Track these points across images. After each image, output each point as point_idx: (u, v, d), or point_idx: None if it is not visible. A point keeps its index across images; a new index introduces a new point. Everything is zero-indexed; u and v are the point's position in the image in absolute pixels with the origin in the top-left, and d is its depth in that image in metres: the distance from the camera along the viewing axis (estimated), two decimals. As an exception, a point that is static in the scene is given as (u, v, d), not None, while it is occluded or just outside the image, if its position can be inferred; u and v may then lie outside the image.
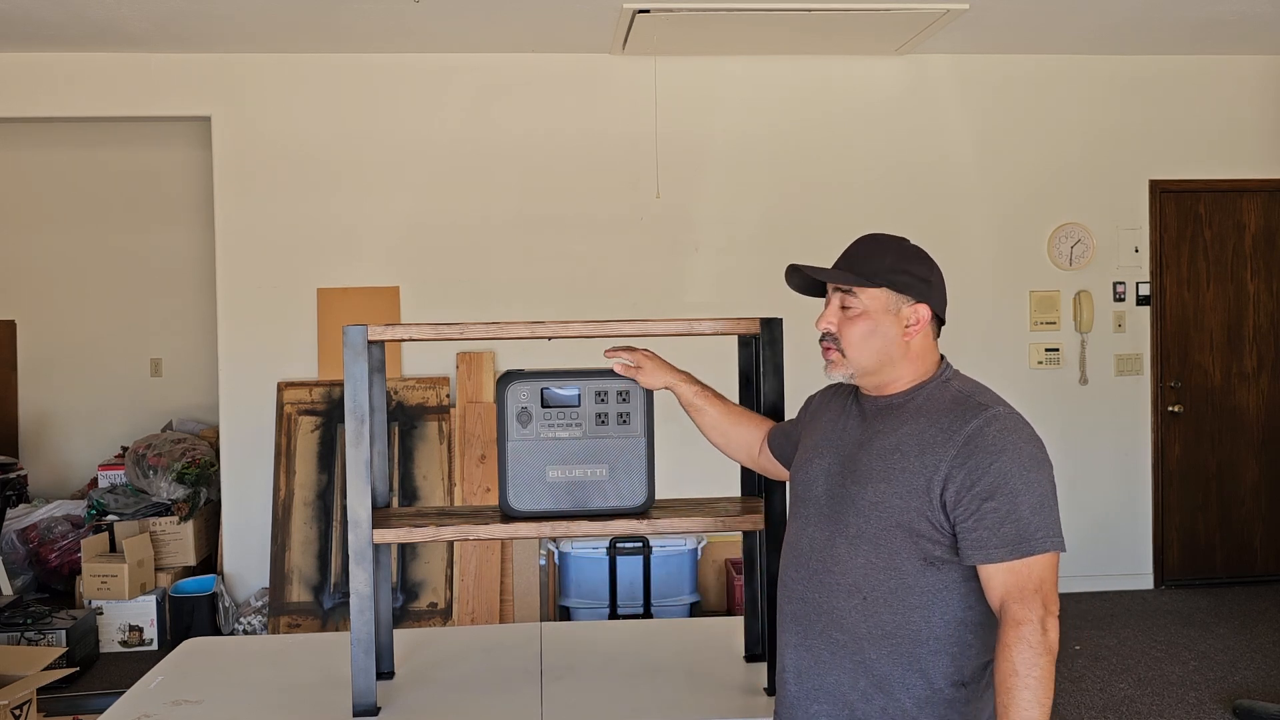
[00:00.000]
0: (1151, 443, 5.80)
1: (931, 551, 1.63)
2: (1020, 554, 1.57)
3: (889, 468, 1.66)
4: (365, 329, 2.02)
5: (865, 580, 1.66)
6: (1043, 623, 1.55)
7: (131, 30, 4.93)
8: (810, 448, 1.83)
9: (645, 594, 5.02)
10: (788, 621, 1.78)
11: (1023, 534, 1.57)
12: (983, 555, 1.59)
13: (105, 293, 6.87)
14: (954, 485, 1.60)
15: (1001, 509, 1.58)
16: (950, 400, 1.69)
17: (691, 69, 5.49)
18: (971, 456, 1.60)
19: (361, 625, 2.01)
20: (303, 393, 5.31)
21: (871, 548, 1.66)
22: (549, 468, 2.08)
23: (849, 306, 1.73)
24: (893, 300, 1.71)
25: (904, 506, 1.63)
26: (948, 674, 1.64)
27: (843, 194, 5.59)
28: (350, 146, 5.42)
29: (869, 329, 1.71)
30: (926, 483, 1.62)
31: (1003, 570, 1.58)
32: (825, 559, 1.71)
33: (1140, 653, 4.79)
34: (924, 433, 1.66)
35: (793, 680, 1.76)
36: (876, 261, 1.72)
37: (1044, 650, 1.54)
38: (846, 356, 1.74)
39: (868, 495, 1.67)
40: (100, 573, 5.02)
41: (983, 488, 1.59)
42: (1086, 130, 5.72)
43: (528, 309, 5.34)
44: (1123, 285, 5.75)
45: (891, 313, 1.71)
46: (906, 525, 1.63)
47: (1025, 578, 1.57)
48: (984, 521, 1.58)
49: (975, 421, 1.63)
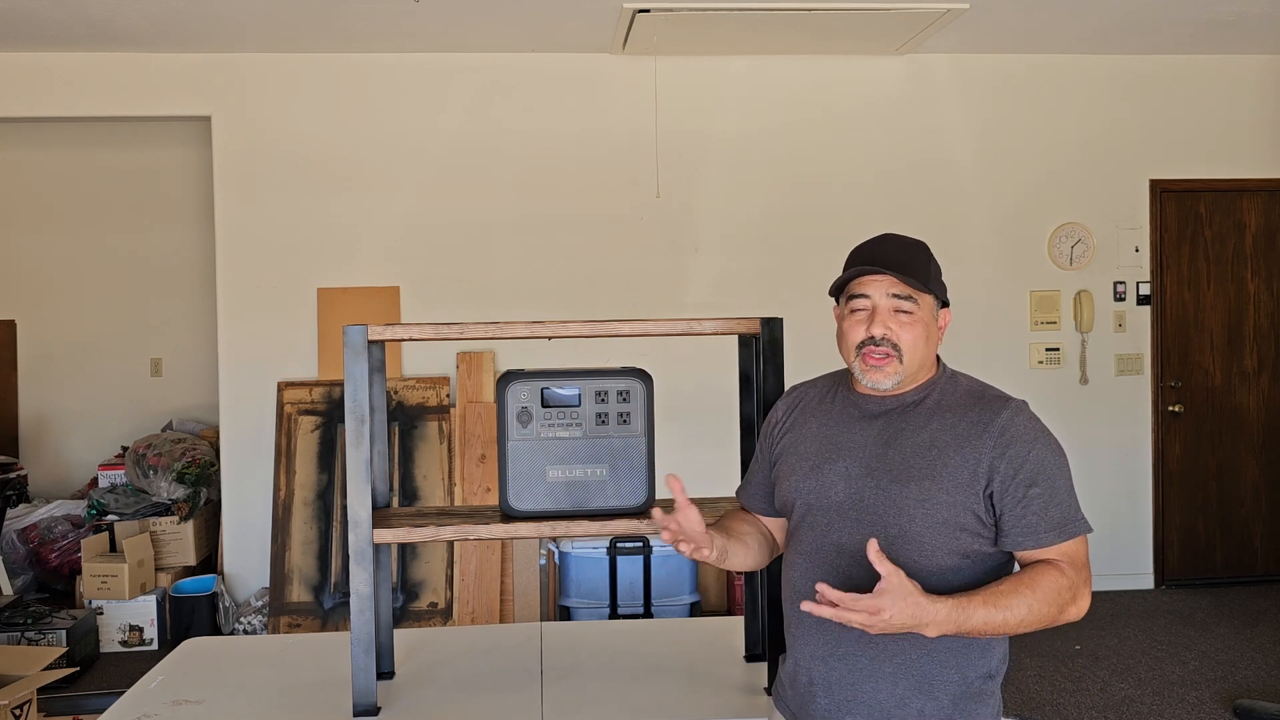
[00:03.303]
0: (1152, 443, 5.80)
1: (970, 545, 1.66)
2: (1067, 535, 1.65)
3: (929, 464, 1.67)
4: (365, 329, 2.02)
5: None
6: (1077, 592, 1.62)
7: (131, 30, 4.93)
8: (812, 455, 1.78)
9: (645, 594, 5.02)
10: (809, 634, 1.73)
11: (1067, 516, 1.65)
12: (1034, 540, 1.64)
13: (105, 293, 6.87)
14: (999, 476, 1.65)
15: (1045, 494, 1.65)
16: (965, 395, 1.74)
17: (691, 69, 5.49)
18: (1010, 446, 1.65)
19: (361, 625, 2.01)
20: (303, 393, 5.31)
21: (914, 546, 1.65)
22: (549, 467, 2.08)
23: (907, 311, 1.71)
24: (933, 306, 1.77)
25: (950, 501, 1.65)
26: (978, 667, 1.68)
27: (843, 194, 5.58)
28: (350, 146, 5.42)
29: (923, 334, 1.73)
30: (970, 475, 1.65)
31: (1054, 553, 1.65)
32: (861, 562, 1.64)
33: (1140, 653, 4.79)
34: (956, 426, 1.69)
35: (822, 693, 1.71)
36: (926, 267, 1.76)
37: (1058, 604, 1.60)
38: (903, 362, 1.71)
39: (912, 493, 1.66)
40: (100, 573, 5.02)
41: (1025, 475, 1.64)
42: (1086, 130, 5.72)
43: (528, 309, 5.34)
44: (1123, 285, 5.75)
45: (934, 317, 1.77)
46: (953, 520, 1.65)
47: (1073, 557, 1.65)
48: (1031, 507, 1.64)
49: (1005, 413, 1.69)
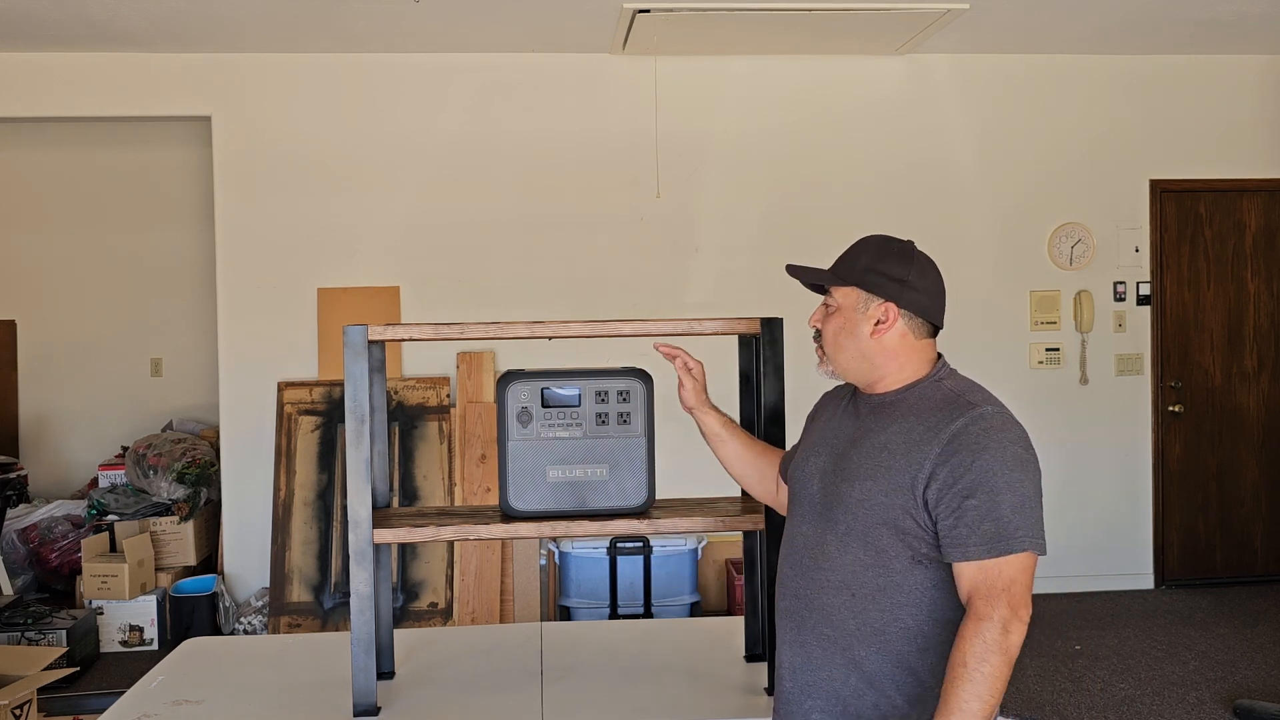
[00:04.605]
0: (1152, 443, 5.80)
1: (918, 549, 1.64)
2: (998, 552, 1.56)
3: (876, 465, 1.67)
4: (365, 329, 2.02)
5: (854, 577, 1.67)
6: (1005, 623, 1.54)
7: (131, 30, 4.93)
8: (807, 447, 1.86)
9: (645, 594, 5.02)
10: (783, 618, 1.81)
11: (1001, 532, 1.57)
12: (960, 553, 1.59)
13: (105, 293, 6.87)
14: (936, 483, 1.61)
15: (982, 507, 1.57)
16: (941, 399, 1.69)
17: (692, 69, 5.49)
18: (955, 454, 1.60)
19: (362, 625, 2.01)
20: (303, 393, 5.31)
21: (860, 545, 1.67)
22: (549, 468, 2.08)
23: (829, 305, 1.80)
24: (862, 299, 1.75)
25: (889, 504, 1.64)
26: (937, 671, 1.64)
27: (843, 194, 5.59)
28: (350, 146, 5.42)
29: (839, 326, 1.77)
30: (911, 480, 1.63)
31: (974, 567, 1.58)
32: (816, 556, 1.73)
33: (1140, 653, 4.79)
34: (911, 431, 1.67)
35: (788, 676, 1.78)
36: (853, 261, 1.78)
37: (999, 650, 1.53)
38: (826, 354, 1.80)
39: (855, 493, 1.68)
40: (100, 573, 5.02)
41: (964, 485, 1.59)
42: (1086, 130, 5.72)
43: (528, 309, 5.34)
44: (1123, 285, 5.75)
45: (860, 311, 1.75)
46: (893, 523, 1.64)
47: (995, 576, 1.56)
48: (964, 519, 1.58)
49: (961, 420, 1.63)
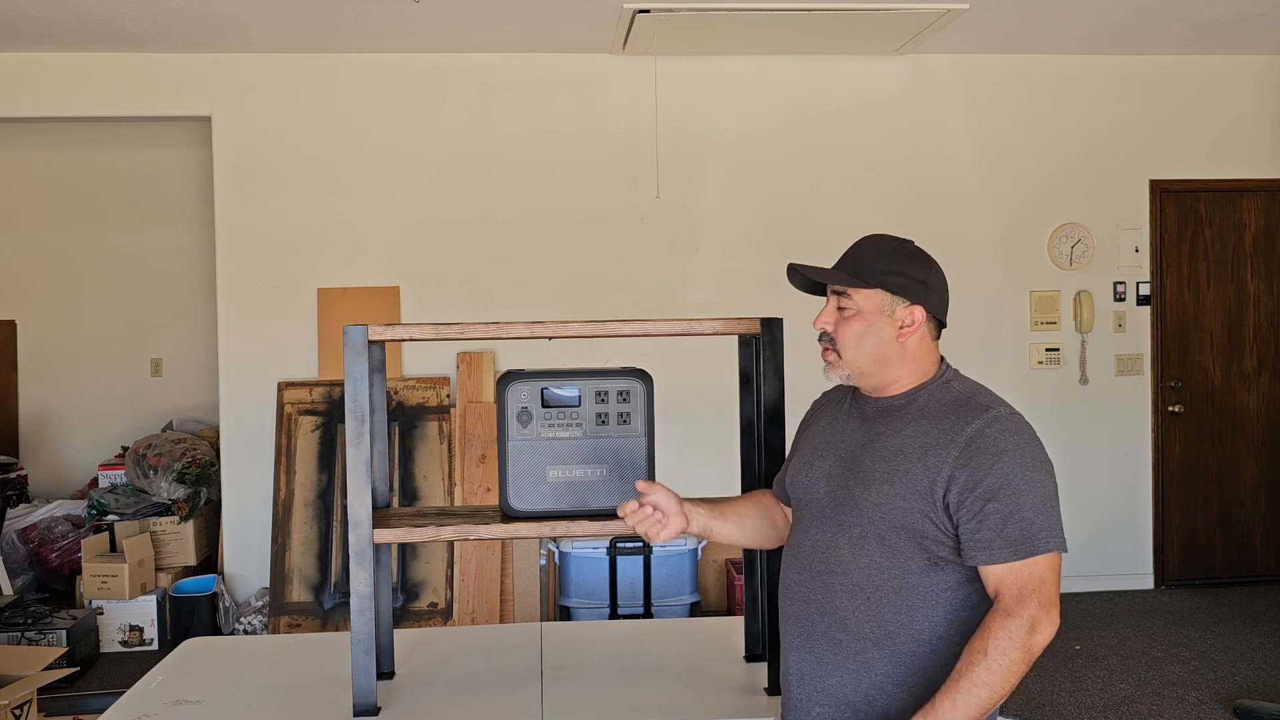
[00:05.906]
0: (1152, 443, 5.80)
1: (936, 552, 1.64)
2: (1024, 554, 1.57)
3: (892, 469, 1.66)
4: (365, 329, 2.02)
5: (869, 580, 1.66)
6: (1034, 622, 1.55)
7: (131, 30, 4.93)
8: (809, 451, 1.83)
9: (645, 594, 5.02)
10: (789, 624, 1.78)
11: (1026, 534, 1.57)
12: (986, 556, 1.59)
13: (105, 293, 6.87)
14: (956, 487, 1.60)
15: (1005, 509, 1.58)
16: (951, 401, 1.69)
17: (692, 69, 5.49)
18: (974, 458, 1.60)
19: (362, 625, 2.01)
20: (303, 393, 5.31)
21: (876, 548, 1.66)
22: (549, 468, 2.08)
23: (845, 307, 1.74)
24: (887, 301, 1.71)
25: (907, 508, 1.63)
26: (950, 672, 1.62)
27: (843, 194, 5.58)
28: (350, 146, 5.42)
29: (863, 329, 1.72)
30: (929, 484, 1.62)
31: (1004, 569, 1.58)
32: (829, 560, 1.71)
33: (1140, 653, 4.79)
34: (926, 434, 1.66)
35: (795, 683, 1.76)
36: (872, 262, 1.73)
37: (1022, 646, 1.54)
38: (842, 357, 1.75)
39: (871, 496, 1.66)
40: (100, 573, 5.02)
41: (985, 489, 1.59)
42: (1086, 130, 5.72)
43: (528, 309, 5.34)
44: (1123, 285, 5.75)
45: (886, 314, 1.71)
46: (910, 526, 1.63)
47: (1026, 577, 1.57)
48: (987, 522, 1.58)
49: (977, 423, 1.63)
